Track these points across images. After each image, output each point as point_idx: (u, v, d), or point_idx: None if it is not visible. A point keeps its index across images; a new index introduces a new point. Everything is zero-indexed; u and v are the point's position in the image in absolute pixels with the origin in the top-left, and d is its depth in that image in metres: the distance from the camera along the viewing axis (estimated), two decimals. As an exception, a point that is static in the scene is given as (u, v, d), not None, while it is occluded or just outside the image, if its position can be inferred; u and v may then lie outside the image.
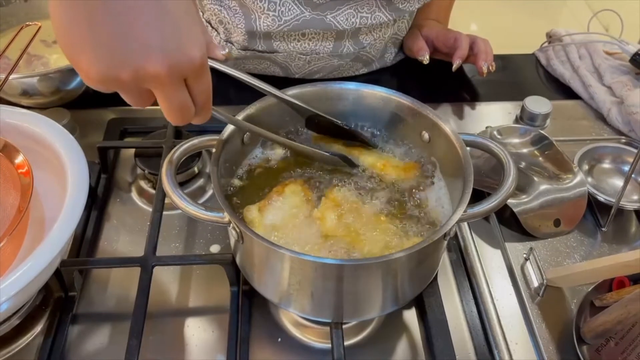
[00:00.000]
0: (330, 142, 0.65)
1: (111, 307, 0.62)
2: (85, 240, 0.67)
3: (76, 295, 0.62)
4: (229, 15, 0.82)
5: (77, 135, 0.79)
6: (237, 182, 0.60)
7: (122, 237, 0.69)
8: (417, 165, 0.63)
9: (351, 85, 0.62)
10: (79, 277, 0.63)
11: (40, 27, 0.71)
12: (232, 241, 0.56)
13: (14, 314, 0.58)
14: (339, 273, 0.50)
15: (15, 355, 0.58)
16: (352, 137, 0.64)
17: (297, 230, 0.55)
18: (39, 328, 0.60)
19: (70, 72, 0.78)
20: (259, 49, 0.85)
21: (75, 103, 0.85)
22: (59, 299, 0.61)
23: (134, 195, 0.74)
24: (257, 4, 0.78)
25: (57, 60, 0.85)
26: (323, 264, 0.49)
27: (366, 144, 0.64)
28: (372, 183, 0.61)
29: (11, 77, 0.69)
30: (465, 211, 0.52)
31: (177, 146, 0.56)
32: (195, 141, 0.57)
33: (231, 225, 0.51)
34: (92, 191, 0.71)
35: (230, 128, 0.58)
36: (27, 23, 0.72)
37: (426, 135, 0.61)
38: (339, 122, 0.63)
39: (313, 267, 0.50)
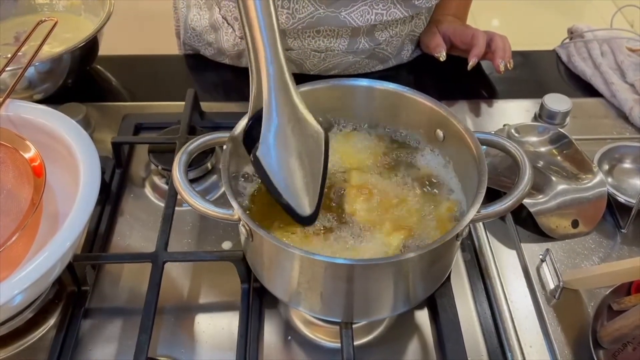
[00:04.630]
0: None
1: (123, 302, 0.63)
2: (98, 236, 0.67)
3: (89, 289, 0.62)
4: None
5: (92, 130, 0.80)
6: (248, 179, 0.60)
7: (135, 233, 0.69)
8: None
9: (363, 82, 0.62)
10: (92, 271, 0.64)
11: (56, 22, 0.72)
12: (242, 239, 0.55)
13: (27, 307, 0.59)
14: (349, 273, 0.50)
15: (28, 347, 0.59)
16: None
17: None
18: (51, 322, 0.60)
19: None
20: None
21: (91, 97, 0.85)
22: (72, 293, 0.61)
23: (148, 190, 0.74)
24: None
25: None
26: (332, 263, 0.48)
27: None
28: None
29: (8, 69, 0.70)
30: (478, 211, 0.51)
31: (189, 142, 0.55)
32: (207, 137, 0.57)
33: (241, 222, 0.51)
34: (106, 186, 0.72)
35: (242, 125, 0.57)
36: (44, 19, 0.72)
37: (440, 134, 0.60)
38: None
39: (323, 267, 0.49)
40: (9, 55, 0.70)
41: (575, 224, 0.67)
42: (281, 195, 0.53)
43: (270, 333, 0.60)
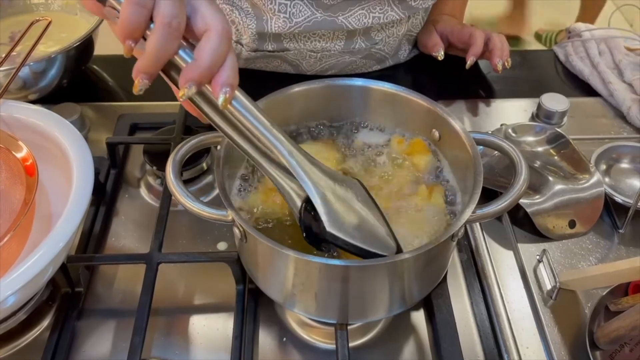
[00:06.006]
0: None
1: (117, 303, 0.62)
2: (92, 236, 0.67)
3: (82, 291, 0.62)
4: (241, 15, 0.82)
5: (87, 130, 0.80)
6: (242, 179, 0.60)
7: (130, 233, 0.69)
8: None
9: (358, 82, 0.61)
10: (86, 273, 0.63)
11: (50, 22, 0.71)
12: (237, 240, 0.55)
13: (21, 308, 0.59)
14: (343, 274, 0.49)
15: (22, 349, 0.58)
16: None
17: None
18: (45, 323, 0.60)
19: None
20: (269, 49, 0.84)
21: (86, 97, 0.85)
22: (66, 295, 0.61)
23: (143, 191, 0.74)
24: (268, 5, 0.77)
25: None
26: (327, 265, 0.48)
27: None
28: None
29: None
30: (474, 212, 0.50)
31: (183, 143, 0.55)
32: (201, 137, 0.56)
33: (235, 223, 0.51)
34: (101, 187, 0.71)
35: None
36: (38, 18, 0.72)
37: (436, 134, 0.60)
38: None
39: (317, 268, 0.49)
40: (3, 55, 0.69)
41: (572, 224, 0.67)
42: (368, 251, 0.51)
43: (266, 334, 0.59)
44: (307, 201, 0.50)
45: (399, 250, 0.52)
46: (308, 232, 0.51)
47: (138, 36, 0.42)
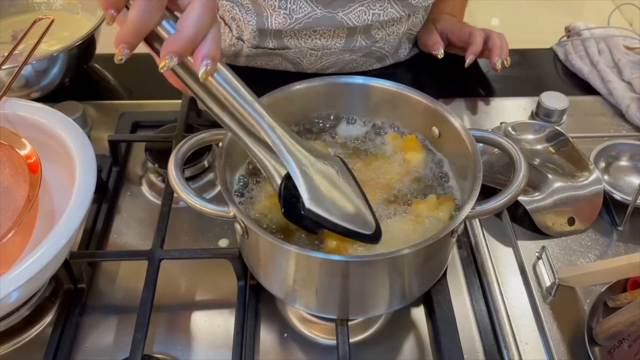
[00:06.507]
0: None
1: (120, 299, 0.63)
2: (95, 233, 0.67)
3: (85, 287, 0.62)
4: (241, 12, 0.82)
5: (89, 128, 0.80)
6: (244, 176, 0.60)
7: (132, 230, 0.69)
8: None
9: (359, 80, 0.62)
10: (88, 269, 0.64)
11: (53, 20, 0.72)
12: (238, 236, 0.55)
13: (24, 304, 0.59)
14: (344, 269, 0.50)
15: (25, 345, 0.59)
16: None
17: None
18: (48, 319, 0.60)
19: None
20: (270, 47, 0.84)
21: (88, 96, 0.85)
22: (68, 291, 0.62)
23: (145, 188, 0.74)
24: (268, 1, 0.77)
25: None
26: (328, 260, 0.48)
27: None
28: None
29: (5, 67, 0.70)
30: (473, 208, 0.51)
31: (184, 140, 0.56)
32: (203, 135, 0.57)
33: (236, 219, 0.51)
34: (103, 184, 0.72)
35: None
36: (40, 17, 0.72)
37: (436, 131, 0.60)
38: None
39: (318, 263, 0.49)
40: (5, 54, 0.70)
41: (571, 221, 0.67)
42: (346, 228, 0.51)
43: (267, 330, 0.60)
44: (288, 178, 0.50)
45: (378, 228, 0.53)
46: (287, 208, 0.51)
47: (120, 6, 0.42)
